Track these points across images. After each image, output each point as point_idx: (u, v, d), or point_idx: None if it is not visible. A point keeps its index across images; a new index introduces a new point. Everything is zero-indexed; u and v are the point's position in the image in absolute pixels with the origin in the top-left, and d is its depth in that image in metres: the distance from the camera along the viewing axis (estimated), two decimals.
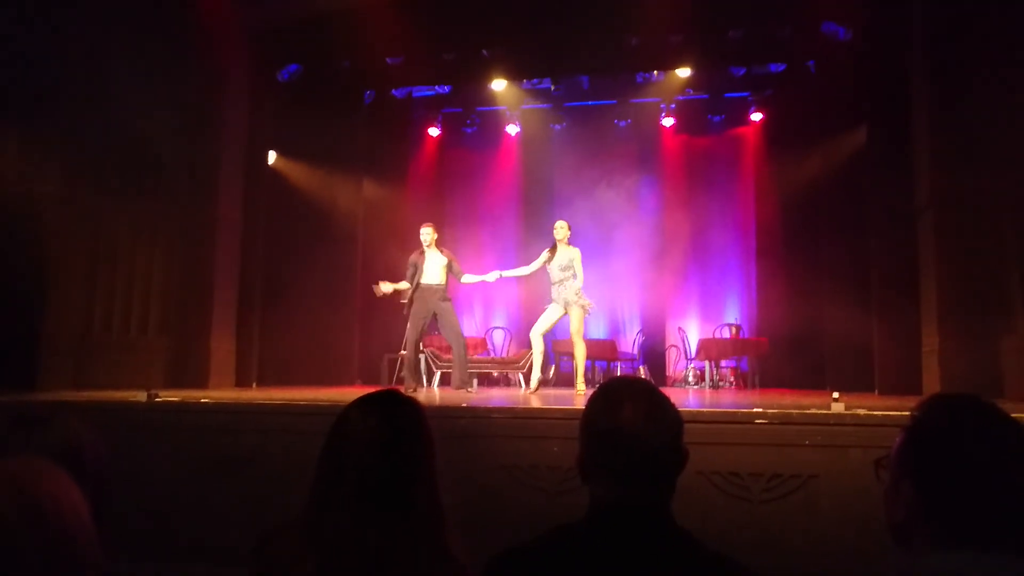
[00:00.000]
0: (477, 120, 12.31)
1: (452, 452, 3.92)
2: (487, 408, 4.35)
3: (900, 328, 7.52)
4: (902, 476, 1.20)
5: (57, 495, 0.75)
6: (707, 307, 11.86)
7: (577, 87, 11.62)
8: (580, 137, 11.95)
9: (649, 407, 1.37)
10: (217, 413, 4.64)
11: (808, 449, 3.74)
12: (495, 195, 12.43)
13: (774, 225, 10.91)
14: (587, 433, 1.41)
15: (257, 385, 9.03)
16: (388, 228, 11.11)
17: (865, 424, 3.74)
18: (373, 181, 11.20)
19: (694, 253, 11.83)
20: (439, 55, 10.05)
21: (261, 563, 1.53)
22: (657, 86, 11.27)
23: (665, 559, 1.29)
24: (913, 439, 1.21)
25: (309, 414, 4.35)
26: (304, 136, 9.94)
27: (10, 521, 0.70)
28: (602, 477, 1.37)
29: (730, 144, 11.96)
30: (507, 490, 3.95)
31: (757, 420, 3.84)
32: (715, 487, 3.74)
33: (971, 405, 1.21)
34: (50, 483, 0.76)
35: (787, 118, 10.68)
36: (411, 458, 1.59)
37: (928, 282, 7.01)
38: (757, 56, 10.31)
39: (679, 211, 11.67)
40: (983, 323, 6.49)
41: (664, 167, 12.07)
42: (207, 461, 4.31)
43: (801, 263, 9.90)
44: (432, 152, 12.54)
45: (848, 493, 3.59)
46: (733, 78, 11.10)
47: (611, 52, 9.95)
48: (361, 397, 1.68)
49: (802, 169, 10.10)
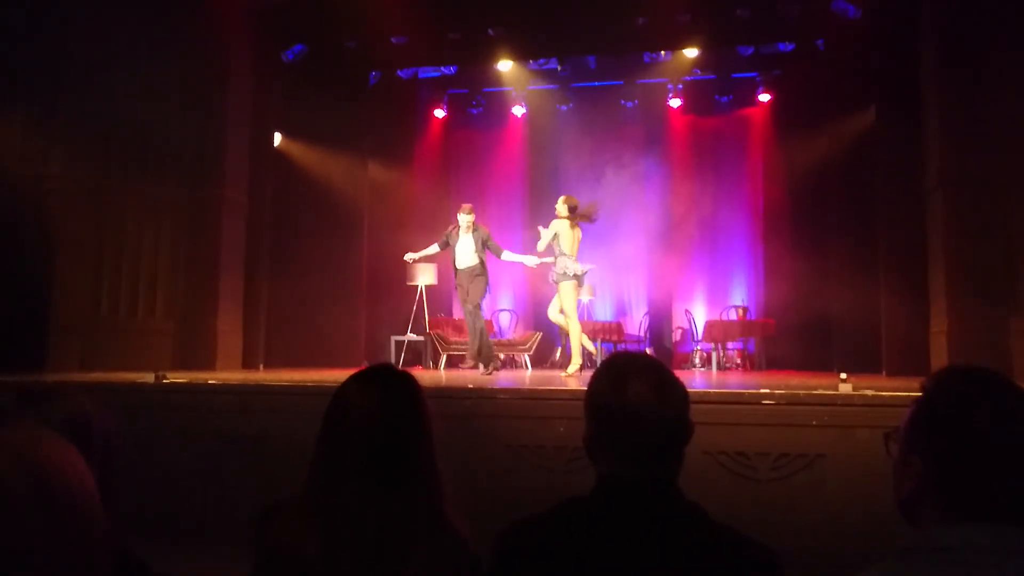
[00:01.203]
0: (483, 101, 12.25)
1: (458, 432, 3.93)
2: (492, 388, 4.36)
3: (908, 309, 7.48)
4: (912, 449, 1.19)
5: (63, 467, 0.75)
6: (714, 289, 11.82)
7: (584, 67, 11.54)
8: (587, 118, 11.87)
9: (657, 381, 1.36)
10: (224, 394, 4.66)
11: (815, 429, 3.73)
12: (501, 176, 12.39)
13: (782, 206, 10.84)
14: (594, 410, 1.40)
15: (264, 367, 9.06)
16: (394, 210, 11.10)
17: (872, 404, 3.73)
18: (378, 162, 11.17)
19: (701, 235, 11.77)
20: (445, 35, 9.97)
21: (265, 539, 1.54)
22: (664, 66, 11.18)
23: (675, 532, 1.29)
24: (924, 411, 1.19)
25: (315, 394, 4.37)
26: (309, 117, 9.90)
27: (16, 491, 0.69)
28: (610, 453, 1.36)
29: (738, 125, 11.87)
30: (513, 470, 3.96)
31: (764, 400, 3.83)
32: (722, 467, 3.74)
33: (982, 377, 1.20)
34: (57, 454, 0.75)
35: (795, 98, 10.58)
36: (410, 431, 1.60)
37: (936, 263, 6.98)
38: (765, 35, 10.21)
39: (686, 192, 11.60)
40: (991, 304, 6.46)
41: (671, 148, 11.99)
42: (214, 441, 4.34)
43: (808, 244, 9.85)
44: (438, 133, 12.49)
45: (855, 473, 3.59)
46: (741, 58, 11.00)
47: (618, 32, 9.86)
48: (357, 373, 1.68)
49: (810, 150, 10.03)
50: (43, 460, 0.73)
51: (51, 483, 0.72)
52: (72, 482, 0.74)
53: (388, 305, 10.71)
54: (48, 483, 0.71)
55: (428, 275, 10.01)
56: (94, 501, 0.77)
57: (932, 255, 7.11)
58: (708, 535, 1.30)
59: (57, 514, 0.71)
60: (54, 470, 0.73)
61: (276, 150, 9.97)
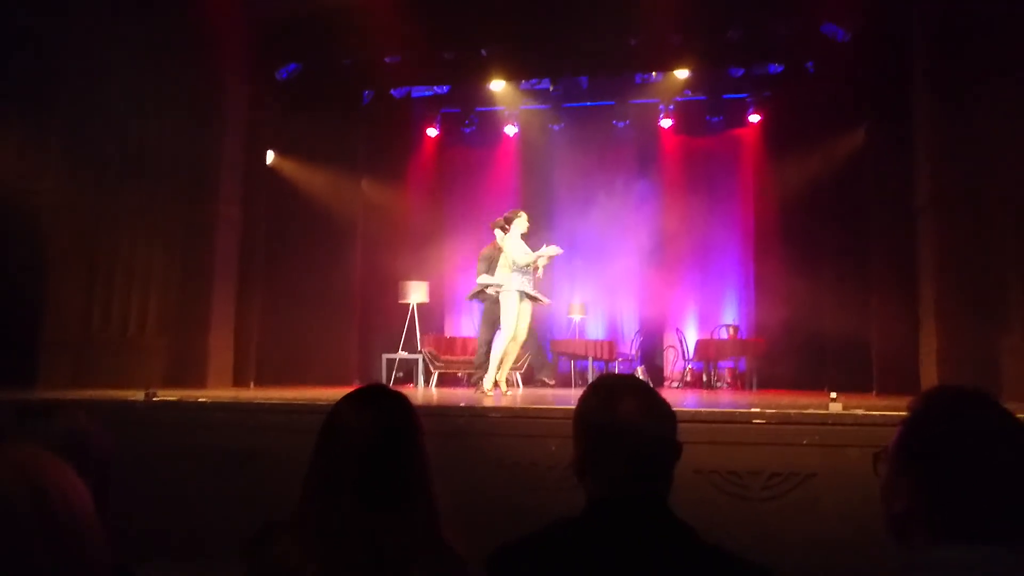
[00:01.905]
0: (476, 120, 12.29)
1: (450, 451, 3.92)
2: (484, 407, 4.35)
3: (898, 328, 7.52)
4: (901, 469, 1.20)
5: (64, 486, 0.76)
6: (705, 308, 11.85)
7: (576, 87, 11.61)
8: (579, 138, 11.93)
9: (645, 401, 1.39)
10: (214, 411, 4.65)
11: (806, 448, 3.74)
12: (493, 195, 12.41)
13: (772, 226, 10.90)
14: (584, 430, 1.42)
15: (255, 384, 9.02)
16: (387, 227, 11.12)
17: (863, 424, 3.75)
18: (372, 180, 11.20)
19: (692, 254, 11.82)
20: (438, 54, 10.04)
21: (260, 559, 1.53)
22: (656, 87, 11.26)
23: (665, 551, 1.30)
24: (911, 433, 1.21)
25: (307, 412, 4.36)
26: (303, 135, 9.93)
27: (18, 508, 0.70)
28: (600, 473, 1.39)
29: (729, 145, 11.95)
30: (506, 488, 3.95)
31: (755, 420, 3.85)
32: (714, 486, 3.74)
33: (968, 399, 1.21)
34: (57, 473, 0.76)
35: (786, 119, 10.66)
36: (405, 451, 1.60)
37: (927, 282, 7.02)
38: (756, 57, 10.32)
39: (677, 212, 11.65)
40: (981, 323, 6.50)
41: (663, 168, 12.06)
42: (204, 460, 4.31)
43: (799, 264, 9.90)
44: (431, 152, 12.53)
45: (846, 491, 3.59)
46: (732, 79, 11.11)
47: (610, 53, 9.95)
48: (351, 393, 1.69)
49: (801, 170, 10.09)
50: (44, 478, 0.74)
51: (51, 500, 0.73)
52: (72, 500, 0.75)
53: (380, 323, 10.70)
54: (48, 500, 0.72)
55: (420, 293, 10.01)
56: (92, 518, 0.78)
57: (922, 274, 7.16)
58: (697, 554, 1.31)
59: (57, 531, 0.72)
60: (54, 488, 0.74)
61: (270, 167, 9.99)
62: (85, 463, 1.41)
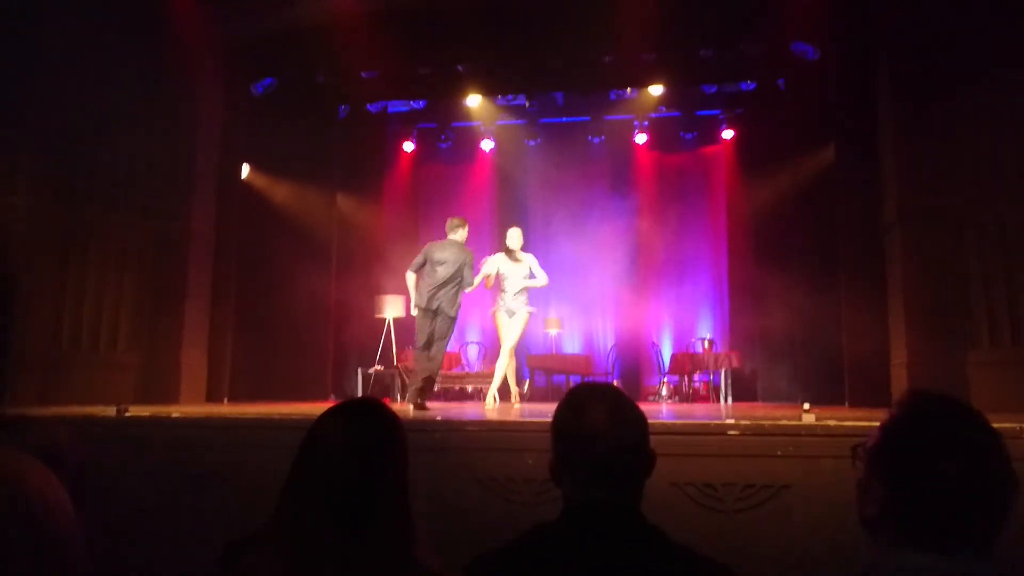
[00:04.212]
0: (452, 135, 12.34)
1: (427, 465, 3.91)
2: (461, 421, 4.34)
3: (869, 341, 7.62)
4: (874, 474, 1.23)
5: (44, 491, 0.75)
6: (680, 321, 11.95)
7: (552, 103, 11.71)
8: (554, 153, 12.02)
9: (613, 409, 1.42)
10: (187, 428, 4.58)
11: (780, 460, 3.78)
12: (469, 210, 12.38)
13: (745, 241, 11.03)
14: (556, 437, 1.46)
15: (228, 400, 8.92)
16: (362, 242, 11.10)
17: (835, 435, 3.79)
18: (347, 195, 11.17)
19: (667, 268, 11.93)
20: (414, 70, 10.07)
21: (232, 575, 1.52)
22: (630, 103, 11.39)
23: (637, 555, 1.32)
24: (886, 439, 1.23)
25: (280, 428, 4.32)
26: (278, 150, 9.90)
27: None
28: (572, 478, 1.42)
29: (702, 161, 12.11)
30: (482, 503, 3.93)
31: (730, 432, 3.88)
32: (689, 498, 3.76)
33: (945, 409, 1.23)
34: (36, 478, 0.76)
35: (758, 136, 10.82)
36: (388, 466, 1.59)
37: (896, 297, 7.14)
38: (728, 75, 10.48)
39: (652, 227, 11.76)
40: (949, 336, 6.63)
41: (637, 183, 12.17)
42: (176, 477, 4.25)
43: (772, 278, 10.00)
44: (407, 167, 12.54)
45: (820, 502, 3.63)
46: (705, 96, 11.27)
47: (585, 69, 10.05)
48: (335, 406, 1.68)
49: (772, 186, 10.23)
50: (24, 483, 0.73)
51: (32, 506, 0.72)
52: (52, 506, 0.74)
53: (356, 338, 10.64)
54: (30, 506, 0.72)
55: (396, 308, 9.99)
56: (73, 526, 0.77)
57: (891, 289, 7.28)
58: (667, 554, 1.34)
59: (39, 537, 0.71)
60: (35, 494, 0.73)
61: (244, 182, 9.93)
62: (59, 472, 1.39)
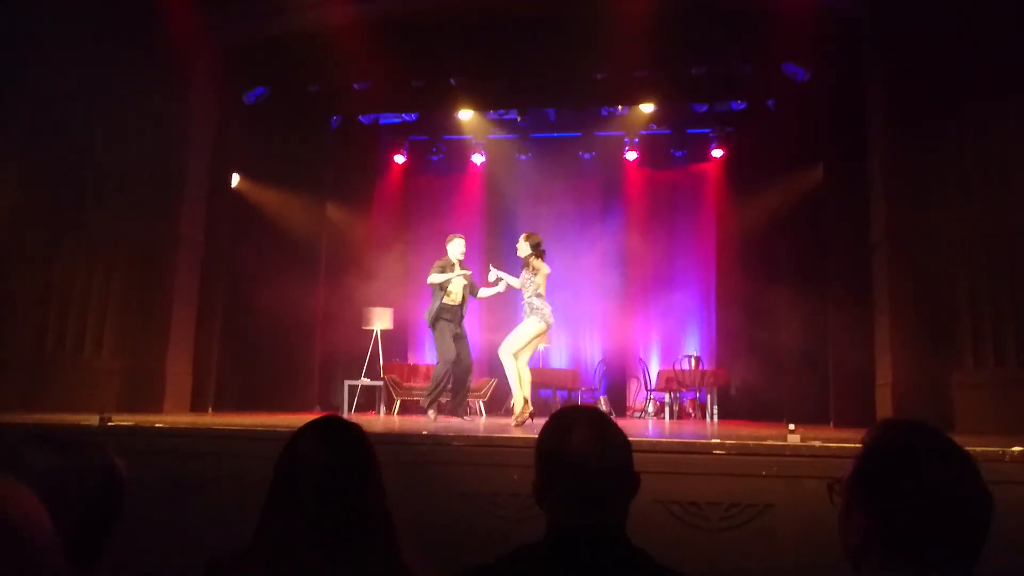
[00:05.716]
0: (443, 148, 12.37)
1: (412, 479, 3.89)
2: (446, 435, 4.33)
3: (855, 361, 7.66)
4: (853, 503, 1.23)
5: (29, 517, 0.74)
6: (668, 338, 11.97)
7: (543, 119, 11.77)
8: (545, 168, 12.05)
9: (597, 432, 1.43)
10: (170, 437, 4.55)
11: (765, 479, 3.78)
12: (459, 223, 12.40)
13: (734, 259, 11.09)
14: (540, 458, 1.46)
15: (213, 410, 8.85)
16: (351, 253, 11.08)
17: (820, 455, 3.80)
18: (337, 206, 11.17)
19: (656, 285, 11.95)
20: (407, 82, 10.10)
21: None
22: (621, 120, 11.46)
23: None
24: (863, 468, 1.24)
25: (265, 439, 4.29)
26: (269, 159, 9.89)
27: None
28: (556, 500, 1.42)
29: (692, 179, 12.18)
30: (467, 517, 3.92)
31: (715, 451, 3.88)
32: (673, 516, 3.76)
33: (918, 435, 1.25)
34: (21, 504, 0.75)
35: (747, 155, 10.91)
36: (363, 481, 1.59)
37: (882, 317, 7.19)
38: (719, 94, 10.57)
39: (641, 243, 11.80)
40: (934, 357, 6.67)
41: (627, 200, 12.23)
42: (159, 487, 4.21)
43: (759, 297, 10.06)
44: (397, 179, 12.56)
45: (804, 522, 3.63)
46: (695, 114, 11.36)
47: (577, 86, 10.11)
48: (308, 424, 1.69)
49: (761, 205, 10.31)
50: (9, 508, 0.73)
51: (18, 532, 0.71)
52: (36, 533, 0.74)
53: (342, 349, 10.59)
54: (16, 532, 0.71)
55: (384, 319, 9.96)
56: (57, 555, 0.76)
57: (878, 309, 7.33)
58: None
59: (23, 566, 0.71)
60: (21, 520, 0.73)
61: (234, 190, 9.91)
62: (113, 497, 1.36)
